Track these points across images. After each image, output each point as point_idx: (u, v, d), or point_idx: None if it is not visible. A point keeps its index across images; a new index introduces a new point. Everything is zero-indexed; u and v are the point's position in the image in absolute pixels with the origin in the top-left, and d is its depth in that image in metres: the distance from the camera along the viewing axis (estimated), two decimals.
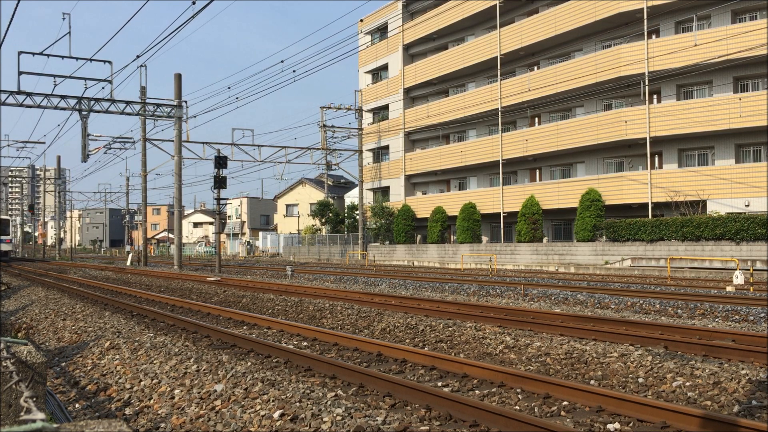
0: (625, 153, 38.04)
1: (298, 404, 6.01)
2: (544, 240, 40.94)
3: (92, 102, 30.83)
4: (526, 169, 44.58)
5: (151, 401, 6.69)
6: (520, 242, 39.19)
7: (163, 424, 5.91)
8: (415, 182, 53.12)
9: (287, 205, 77.39)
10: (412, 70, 51.82)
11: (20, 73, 28.41)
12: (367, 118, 56.08)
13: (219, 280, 24.17)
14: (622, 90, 37.23)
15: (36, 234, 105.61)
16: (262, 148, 45.30)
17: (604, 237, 35.08)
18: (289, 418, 5.65)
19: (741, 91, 33.76)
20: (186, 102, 35.35)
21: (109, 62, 29.24)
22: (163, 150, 40.98)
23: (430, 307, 13.82)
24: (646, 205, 35.25)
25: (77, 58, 28.08)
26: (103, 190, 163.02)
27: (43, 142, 73.53)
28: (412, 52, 53.15)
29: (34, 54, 28.46)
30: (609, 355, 8.20)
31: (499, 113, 43.32)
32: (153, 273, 30.58)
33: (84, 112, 30.74)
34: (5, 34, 18.39)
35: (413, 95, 52.99)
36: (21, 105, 29.49)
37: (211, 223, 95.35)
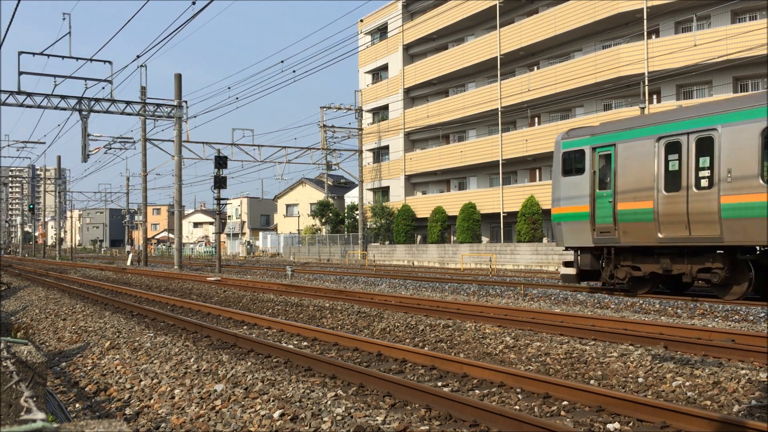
0: None
1: (298, 404, 6.02)
2: (544, 240, 40.94)
3: (92, 102, 30.83)
4: (526, 169, 44.59)
5: (152, 401, 6.70)
6: (520, 242, 39.19)
7: (163, 424, 5.92)
8: (415, 182, 53.12)
9: (287, 205, 77.40)
10: (412, 70, 51.82)
11: (20, 73, 28.43)
12: (367, 118, 56.09)
13: (219, 280, 24.17)
14: (622, 90, 37.24)
15: (36, 234, 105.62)
16: (262, 148, 45.31)
17: None
18: (289, 417, 5.65)
19: (741, 91, 33.76)
20: (186, 102, 35.39)
21: (109, 62, 29.27)
22: (163, 150, 41.01)
23: (430, 307, 13.82)
24: None
25: (77, 58, 28.10)
26: (103, 190, 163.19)
27: (44, 142, 73.62)
28: (412, 52, 53.15)
29: (34, 54, 28.47)
30: (609, 355, 8.21)
31: (499, 113, 43.32)
32: (153, 273, 30.58)
33: (84, 112, 30.74)
34: (5, 34, 18.39)
35: (413, 95, 52.99)
36: (21, 105, 29.50)
37: (211, 223, 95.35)
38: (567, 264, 17.23)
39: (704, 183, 13.80)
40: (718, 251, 13.97)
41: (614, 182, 15.46)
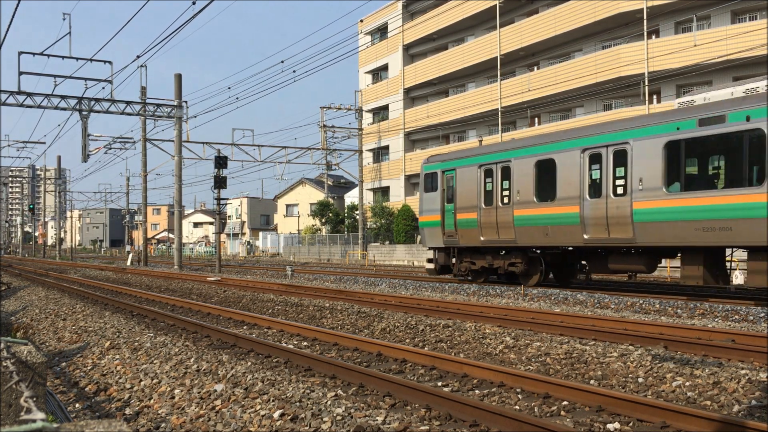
0: None
1: (298, 404, 6.02)
2: None
3: (92, 102, 30.84)
4: None
5: (152, 401, 6.70)
6: None
7: (163, 424, 5.92)
8: (415, 182, 53.10)
9: (287, 205, 77.40)
10: (412, 71, 51.82)
11: (20, 73, 28.44)
12: (367, 118, 56.10)
13: (219, 280, 24.17)
14: (622, 90, 37.24)
15: (36, 234, 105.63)
16: (262, 148, 45.29)
17: None
18: (289, 417, 5.66)
19: None
20: (186, 102, 35.38)
21: (109, 62, 29.28)
22: (163, 150, 40.98)
23: (430, 307, 13.83)
24: None
25: (77, 59, 28.12)
26: (104, 190, 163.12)
27: (44, 142, 73.68)
28: (412, 53, 53.15)
29: (34, 54, 28.49)
30: (609, 355, 8.21)
31: (499, 113, 43.32)
32: (153, 273, 30.59)
33: (84, 112, 30.75)
34: (5, 34, 18.40)
35: (413, 95, 52.99)
36: (21, 105, 29.50)
37: (211, 223, 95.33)
38: (429, 260, 21.86)
39: (506, 200, 18.54)
40: (538, 251, 18.58)
41: (455, 198, 20.13)
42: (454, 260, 20.76)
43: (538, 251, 18.42)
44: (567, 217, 16.52)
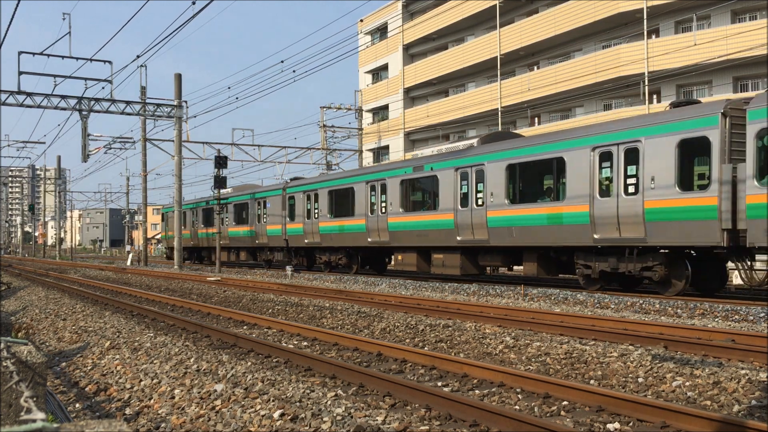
0: None
1: (298, 404, 6.02)
2: None
3: (92, 102, 30.83)
4: None
5: (152, 401, 6.70)
6: None
7: (163, 424, 5.92)
8: None
9: None
10: (412, 70, 51.80)
11: (20, 73, 28.44)
12: (367, 118, 56.07)
13: (219, 280, 24.17)
14: (622, 90, 37.22)
15: (36, 234, 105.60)
16: (262, 148, 45.25)
17: None
18: (289, 417, 5.66)
19: (741, 91, 33.75)
20: (186, 102, 35.38)
21: (109, 62, 29.29)
22: (163, 150, 40.95)
23: (430, 307, 13.83)
24: None
25: (77, 58, 28.14)
26: (104, 190, 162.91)
27: (44, 142, 73.69)
28: (412, 52, 53.13)
29: (34, 54, 28.50)
30: (609, 354, 8.21)
31: (499, 113, 43.31)
32: (153, 273, 30.58)
33: (84, 112, 30.74)
34: (5, 34, 18.40)
35: (413, 95, 52.97)
36: (21, 105, 29.50)
37: None
38: (169, 255, 42.93)
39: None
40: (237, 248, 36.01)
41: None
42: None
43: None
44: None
